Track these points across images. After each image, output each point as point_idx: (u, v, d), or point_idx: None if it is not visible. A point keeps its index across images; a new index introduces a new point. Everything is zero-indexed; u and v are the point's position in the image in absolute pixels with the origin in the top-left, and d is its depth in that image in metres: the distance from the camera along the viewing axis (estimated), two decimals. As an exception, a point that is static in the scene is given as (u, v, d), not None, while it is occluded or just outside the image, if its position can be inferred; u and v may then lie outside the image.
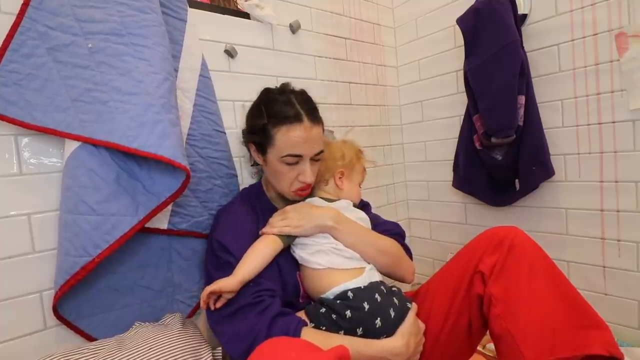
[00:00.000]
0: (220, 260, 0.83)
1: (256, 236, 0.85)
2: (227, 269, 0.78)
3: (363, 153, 1.03)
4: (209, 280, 0.79)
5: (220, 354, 0.83)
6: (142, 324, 0.88)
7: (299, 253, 0.85)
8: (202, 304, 0.76)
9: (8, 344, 0.79)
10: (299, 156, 0.85)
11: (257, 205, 0.95)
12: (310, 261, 0.83)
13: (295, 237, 0.85)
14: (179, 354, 0.75)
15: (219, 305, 0.76)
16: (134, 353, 0.74)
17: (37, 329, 0.82)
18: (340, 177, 0.96)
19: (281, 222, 0.85)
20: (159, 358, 0.73)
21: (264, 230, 0.85)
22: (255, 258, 0.79)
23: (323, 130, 0.90)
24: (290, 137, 0.83)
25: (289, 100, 0.86)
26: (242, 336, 0.72)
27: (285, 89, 0.91)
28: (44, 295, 0.83)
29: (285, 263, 0.86)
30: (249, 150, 0.96)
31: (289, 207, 0.88)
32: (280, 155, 0.85)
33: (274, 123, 0.84)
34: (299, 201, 0.93)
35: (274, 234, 0.83)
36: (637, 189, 1.08)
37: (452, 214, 1.57)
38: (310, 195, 0.95)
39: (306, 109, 0.86)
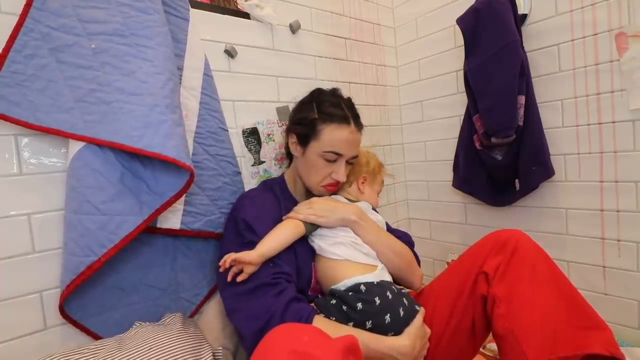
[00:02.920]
0: (243, 240, 0.84)
1: (279, 222, 0.87)
2: (250, 248, 0.79)
3: (384, 167, 1.09)
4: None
5: (221, 354, 0.83)
6: (142, 323, 0.88)
7: (318, 242, 0.87)
8: (222, 268, 0.77)
9: (8, 344, 0.79)
10: (339, 155, 0.91)
11: (280, 196, 0.97)
12: (328, 251, 0.85)
13: (317, 226, 0.88)
14: (179, 354, 0.75)
15: (240, 278, 0.77)
16: (134, 353, 0.73)
17: (38, 328, 0.82)
18: (363, 182, 1.01)
19: (307, 209, 0.88)
20: (159, 358, 0.73)
21: (290, 215, 0.88)
22: (277, 237, 0.82)
23: (361, 137, 0.97)
24: (336, 136, 0.89)
25: (339, 103, 0.93)
26: (258, 315, 0.74)
27: (336, 93, 0.98)
28: (44, 295, 0.83)
29: (303, 252, 0.88)
30: (286, 140, 1.00)
31: (315, 199, 0.93)
32: (322, 150, 0.90)
33: (324, 119, 0.90)
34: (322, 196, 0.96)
35: (299, 220, 0.86)
36: (637, 189, 1.08)
37: (452, 214, 1.57)
38: (334, 193, 0.99)
39: (353, 114, 0.94)
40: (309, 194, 0.99)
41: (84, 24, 0.79)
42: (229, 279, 0.78)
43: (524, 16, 1.24)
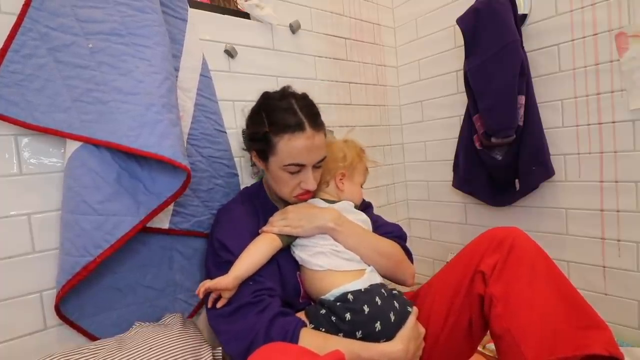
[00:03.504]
0: (220, 259, 0.83)
1: (256, 235, 0.85)
2: (227, 267, 0.78)
3: (365, 153, 1.02)
4: (209, 279, 0.79)
5: (220, 354, 0.83)
6: (142, 323, 0.88)
7: (299, 254, 0.85)
8: (199, 296, 0.76)
9: (8, 344, 0.79)
10: (302, 165, 0.84)
11: (258, 204, 0.95)
12: (310, 262, 0.83)
13: (295, 237, 0.85)
14: (179, 354, 0.75)
15: (219, 305, 0.76)
16: (134, 353, 0.74)
17: (37, 329, 0.82)
18: (341, 179, 0.95)
19: (281, 221, 0.85)
20: (159, 358, 0.73)
21: (264, 228, 0.85)
22: (252, 255, 0.79)
23: (325, 134, 0.89)
24: (292, 147, 0.82)
25: (290, 107, 0.84)
26: (242, 335, 0.72)
27: (285, 93, 0.88)
28: (44, 295, 0.83)
29: (286, 263, 0.86)
30: (250, 155, 0.96)
31: (289, 207, 0.88)
32: (282, 164, 0.84)
33: (276, 132, 0.82)
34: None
35: (273, 233, 0.83)
36: (637, 189, 1.08)
37: (452, 214, 1.57)
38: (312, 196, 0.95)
39: (308, 115, 0.84)
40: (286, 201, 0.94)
41: (81, 24, 0.79)
42: (209, 305, 0.77)
43: (524, 16, 1.24)
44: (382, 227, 0.97)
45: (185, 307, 1.00)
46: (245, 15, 1.17)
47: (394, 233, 0.96)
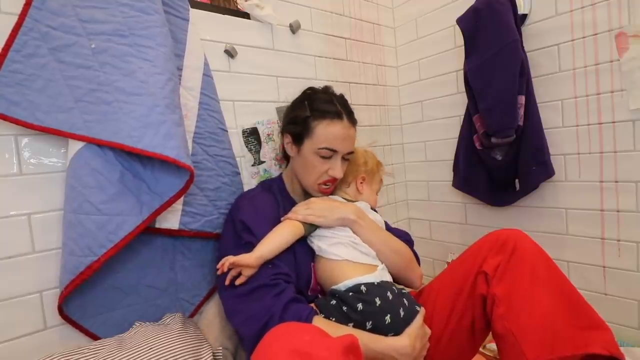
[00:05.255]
0: (241, 241, 0.84)
1: (277, 223, 0.87)
2: (248, 249, 0.79)
3: (383, 166, 1.08)
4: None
5: (221, 354, 0.83)
6: (143, 323, 0.88)
7: (317, 243, 0.87)
8: (219, 271, 0.76)
9: (8, 344, 0.79)
10: (334, 151, 0.90)
11: (279, 196, 0.97)
12: (328, 252, 0.85)
13: (316, 227, 0.87)
14: (179, 354, 0.75)
15: (238, 282, 0.77)
16: (134, 353, 0.73)
17: (38, 328, 0.82)
18: (361, 182, 1.01)
19: (306, 210, 0.87)
20: (159, 358, 0.73)
21: (288, 215, 0.88)
22: (276, 238, 0.81)
23: (356, 132, 0.96)
24: (329, 132, 0.89)
25: (331, 100, 0.94)
26: (257, 316, 0.74)
27: (327, 90, 0.99)
28: (44, 295, 0.83)
29: (302, 253, 0.87)
30: (282, 140, 1.00)
31: (313, 199, 0.93)
32: (317, 147, 0.90)
33: (316, 116, 0.90)
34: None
35: (297, 220, 0.86)
36: (637, 189, 1.08)
37: (452, 214, 1.57)
38: (332, 194, 0.99)
39: (346, 110, 0.94)
40: (307, 195, 0.98)
41: (83, 24, 0.79)
42: (227, 282, 0.78)
43: (524, 16, 1.24)
44: (391, 232, 0.99)
45: (187, 307, 1.00)
46: (245, 15, 1.17)
47: (402, 237, 0.98)
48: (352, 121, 0.94)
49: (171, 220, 0.92)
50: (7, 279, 0.79)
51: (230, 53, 1.12)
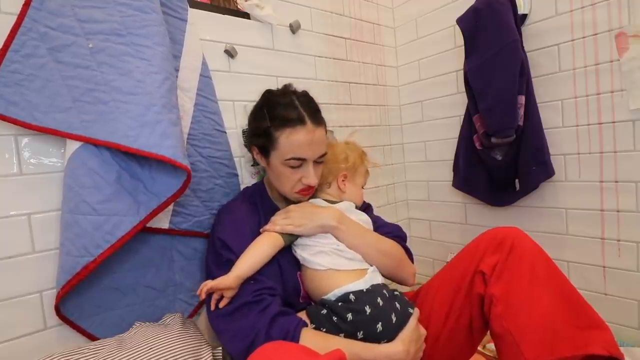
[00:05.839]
0: (221, 258, 0.83)
1: (257, 234, 0.85)
2: (229, 266, 0.78)
3: (367, 155, 1.03)
4: (210, 278, 0.79)
5: (220, 354, 0.83)
6: (143, 323, 0.88)
7: (301, 253, 0.85)
8: (200, 297, 0.75)
9: (8, 344, 0.79)
10: (303, 159, 0.84)
11: (259, 204, 0.95)
12: (312, 262, 0.82)
13: (297, 236, 0.85)
14: (179, 354, 0.75)
15: (222, 305, 0.76)
16: (134, 353, 0.74)
17: (37, 329, 0.82)
18: (343, 180, 0.96)
19: (283, 220, 0.85)
20: (159, 358, 0.73)
21: (266, 227, 0.85)
22: (254, 255, 0.79)
23: (326, 131, 0.90)
24: (293, 141, 0.82)
25: (291, 103, 0.85)
26: (243, 335, 0.72)
27: (287, 91, 0.90)
28: (44, 295, 0.83)
29: (286, 262, 0.86)
30: (251, 152, 0.96)
31: (292, 206, 0.89)
32: (283, 159, 0.84)
33: (277, 126, 0.83)
34: (301, 202, 0.92)
35: (275, 232, 0.83)
36: (637, 189, 1.08)
37: (452, 214, 1.57)
38: (313, 196, 0.95)
39: (309, 111, 0.85)
40: (288, 199, 0.94)
41: (82, 24, 0.79)
42: (212, 307, 0.77)
43: (524, 16, 1.24)
44: (382, 228, 0.97)
45: (185, 307, 1.00)
46: (245, 15, 1.17)
47: (394, 233, 0.96)
48: (318, 122, 0.86)
49: (162, 219, 0.92)
50: (7, 279, 0.79)
51: (230, 53, 1.12)
